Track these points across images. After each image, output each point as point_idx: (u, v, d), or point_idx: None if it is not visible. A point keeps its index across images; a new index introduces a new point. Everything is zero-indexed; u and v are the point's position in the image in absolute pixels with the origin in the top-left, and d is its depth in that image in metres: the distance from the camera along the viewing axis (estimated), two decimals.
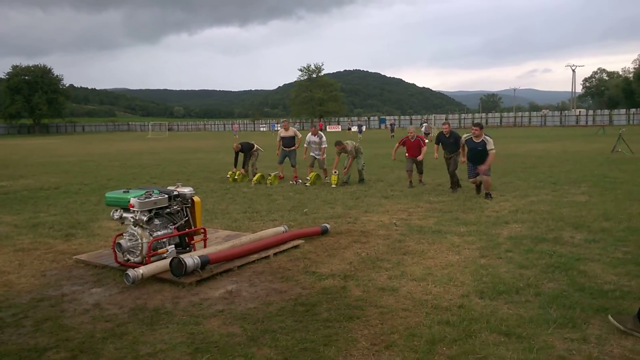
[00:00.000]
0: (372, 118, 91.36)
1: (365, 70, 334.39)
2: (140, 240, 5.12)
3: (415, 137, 11.30)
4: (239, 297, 4.42)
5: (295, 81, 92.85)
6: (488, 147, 8.99)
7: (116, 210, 5.32)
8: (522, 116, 76.62)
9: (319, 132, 12.43)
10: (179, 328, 3.76)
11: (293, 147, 12.83)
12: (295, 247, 6.04)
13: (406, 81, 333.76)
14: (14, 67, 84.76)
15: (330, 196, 10.08)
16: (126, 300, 4.41)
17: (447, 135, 10.54)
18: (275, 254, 5.68)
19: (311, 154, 12.44)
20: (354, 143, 12.32)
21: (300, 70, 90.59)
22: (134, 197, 5.09)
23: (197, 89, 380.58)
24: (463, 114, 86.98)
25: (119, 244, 5.16)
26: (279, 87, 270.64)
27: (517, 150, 22.68)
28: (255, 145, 13.75)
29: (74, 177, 14.81)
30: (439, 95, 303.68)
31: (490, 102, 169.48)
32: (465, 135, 9.54)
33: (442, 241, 6.21)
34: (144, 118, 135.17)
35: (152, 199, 5.16)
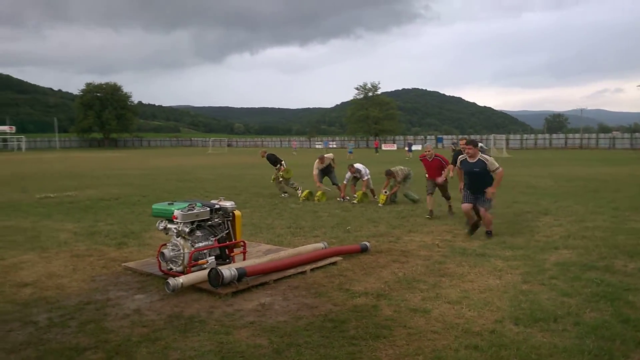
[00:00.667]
0: (429, 137, 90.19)
1: (423, 88, 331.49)
2: (182, 251, 5.35)
3: (434, 157, 10.10)
4: (271, 310, 4.51)
5: (352, 99, 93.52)
6: (490, 168, 7.55)
7: (161, 221, 5.60)
8: (589, 138, 73.00)
9: (356, 168, 12.28)
10: (210, 337, 3.89)
11: (331, 170, 12.99)
12: (333, 263, 6.08)
13: (466, 100, 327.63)
14: (88, 85, 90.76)
15: (376, 214, 10.06)
16: (165, 307, 4.61)
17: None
18: (312, 270, 5.75)
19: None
20: (405, 170, 11.99)
21: (357, 88, 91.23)
22: (178, 209, 5.34)
23: (257, 107, 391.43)
24: (525, 135, 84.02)
25: (163, 254, 5.41)
26: (336, 105, 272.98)
27: (580, 173, 21.63)
28: (281, 165, 13.47)
29: (134, 189, 15.58)
30: (501, 115, 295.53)
31: (555, 122, 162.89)
32: (460, 157, 8.16)
33: (484, 264, 6.05)
34: (206, 134, 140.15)
35: (195, 211, 5.39)
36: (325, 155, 12.97)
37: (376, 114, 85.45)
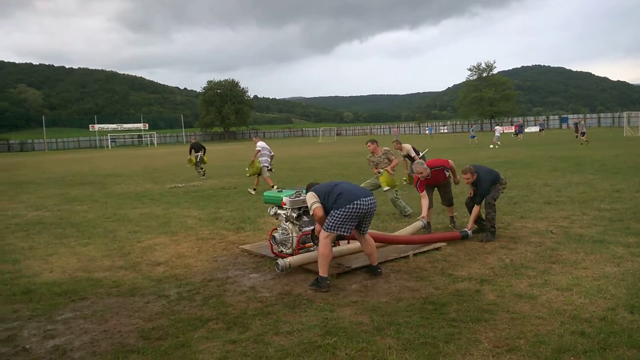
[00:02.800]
0: (552, 117, 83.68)
1: (545, 65, 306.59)
2: (290, 235, 5.74)
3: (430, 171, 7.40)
4: (373, 291, 4.71)
5: (465, 81, 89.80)
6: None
7: (272, 208, 6.05)
8: None
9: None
10: (316, 313, 4.20)
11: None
12: (437, 249, 6.10)
13: (596, 75, 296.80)
14: (209, 82, 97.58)
15: None
16: (276, 286, 5.02)
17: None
18: (415, 254, 5.83)
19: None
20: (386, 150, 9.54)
21: (470, 69, 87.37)
22: (286, 196, 5.74)
23: (365, 94, 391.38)
24: None
25: (274, 237, 5.85)
26: (448, 88, 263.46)
27: None
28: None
29: (251, 178, 16.63)
30: (638, 89, 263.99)
31: None
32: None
33: (602, 251, 5.67)
34: (317, 124, 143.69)
35: (301, 198, 5.74)
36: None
37: (491, 95, 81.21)
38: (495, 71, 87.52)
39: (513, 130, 46.83)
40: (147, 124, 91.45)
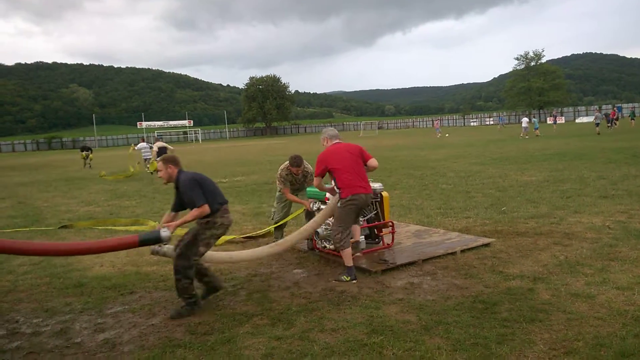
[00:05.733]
0: (604, 107, 79.94)
1: (598, 52, 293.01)
2: None
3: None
4: (420, 289, 4.58)
5: (511, 71, 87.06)
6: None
7: (315, 202, 6.00)
8: None
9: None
10: (360, 310, 4.11)
11: None
12: (486, 245, 5.89)
13: None
14: (251, 78, 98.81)
15: (536, 194, 9.38)
16: (319, 282, 4.97)
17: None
18: (462, 251, 5.65)
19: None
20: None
21: (517, 58, 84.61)
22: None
23: (407, 87, 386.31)
24: None
25: (317, 232, 5.79)
26: (494, 78, 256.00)
27: None
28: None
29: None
30: None
31: None
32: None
33: None
34: (358, 118, 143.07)
35: None
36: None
37: (540, 85, 78.33)
38: (544, 60, 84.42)
39: (553, 121, 44.99)
40: (192, 121, 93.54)
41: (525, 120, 33.66)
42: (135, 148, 19.90)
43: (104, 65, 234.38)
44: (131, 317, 4.28)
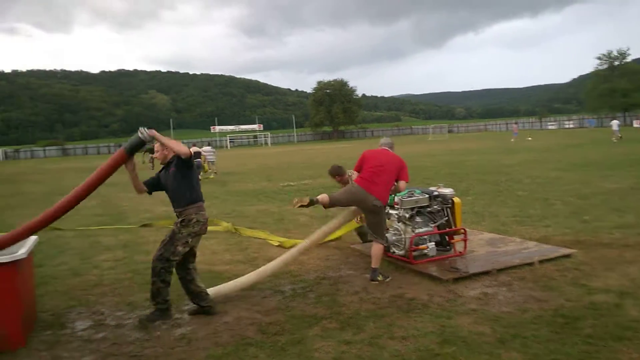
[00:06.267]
0: None
1: None
2: (403, 235, 5.59)
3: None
4: (494, 300, 4.40)
5: (593, 71, 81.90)
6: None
7: None
8: None
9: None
10: (431, 319, 4.02)
11: None
12: (567, 256, 5.57)
13: None
14: (319, 83, 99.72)
15: (622, 203, 8.75)
16: (388, 288, 4.91)
17: None
18: (540, 262, 5.37)
19: None
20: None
21: (599, 58, 79.44)
22: (398, 196, 5.59)
23: (479, 89, 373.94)
24: None
25: (386, 238, 5.73)
26: (573, 79, 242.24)
27: None
28: None
29: None
30: None
31: None
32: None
33: None
34: (426, 121, 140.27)
35: (414, 198, 5.57)
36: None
37: (624, 86, 73.08)
38: (629, 59, 78.73)
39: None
40: (261, 125, 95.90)
41: (615, 123, 31.65)
42: (202, 151, 20.82)
43: (180, 72, 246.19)
44: (205, 315, 4.43)
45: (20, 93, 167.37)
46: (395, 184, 5.28)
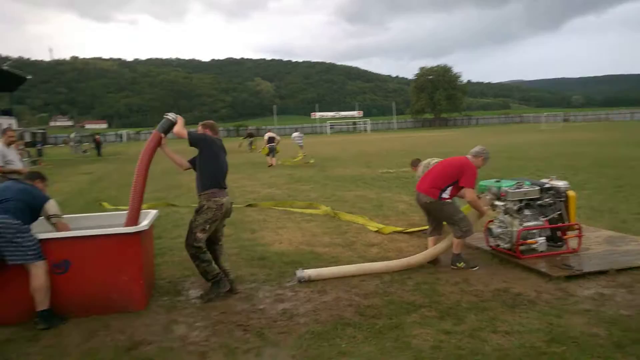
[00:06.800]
0: None
1: None
2: (509, 228, 5.33)
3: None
4: (612, 302, 4.07)
5: None
6: None
7: (487, 194, 5.69)
8: None
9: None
10: (539, 316, 3.82)
11: None
12: None
13: None
14: (421, 69, 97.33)
15: None
16: (492, 281, 4.73)
17: None
18: None
19: None
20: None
21: None
22: (506, 187, 5.33)
23: (599, 75, 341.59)
24: None
25: (490, 230, 5.51)
26: None
27: None
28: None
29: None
30: None
31: None
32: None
33: None
34: (538, 109, 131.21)
35: (523, 189, 5.27)
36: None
37: None
38: None
39: None
40: (361, 112, 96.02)
41: None
42: (291, 137, 22.18)
43: (283, 60, 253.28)
44: (307, 292, 4.60)
45: (141, 80, 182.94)
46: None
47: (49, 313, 3.95)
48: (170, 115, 4.65)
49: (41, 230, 4.24)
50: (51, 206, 4.28)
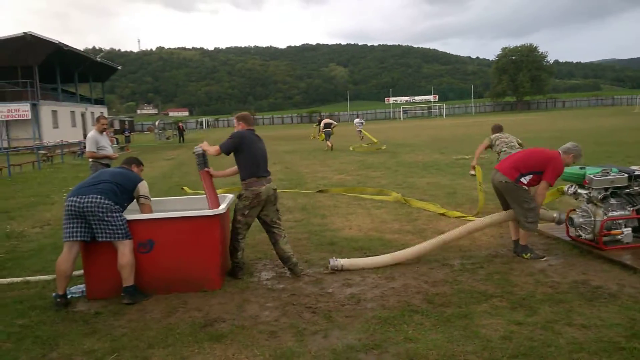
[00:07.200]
0: None
1: None
2: (592, 218, 5.04)
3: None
4: None
5: None
6: None
7: (571, 186, 5.41)
8: None
9: None
10: (620, 310, 3.62)
11: None
12: None
13: None
14: (503, 49, 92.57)
15: None
16: (570, 273, 4.52)
17: None
18: None
19: None
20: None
21: None
22: (590, 174, 5.03)
23: None
24: None
25: (572, 219, 5.24)
26: None
27: None
28: None
29: None
30: None
31: None
32: None
33: None
34: (633, 90, 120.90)
35: (609, 177, 4.95)
36: None
37: None
38: None
39: None
40: (437, 96, 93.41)
41: None
42: (354, 123, 22.83)
43: (359, 44, 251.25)
44: (375, 278, 4.64)
45: (220, 68, 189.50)
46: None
47: (134, 289, 4.29)
48: (196, 150, 4.90)
49: (128, 211, 4.60)
50: (142, 187, 4.61)
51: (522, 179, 4.91)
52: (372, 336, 3.43)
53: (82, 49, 43.17)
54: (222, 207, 4.66)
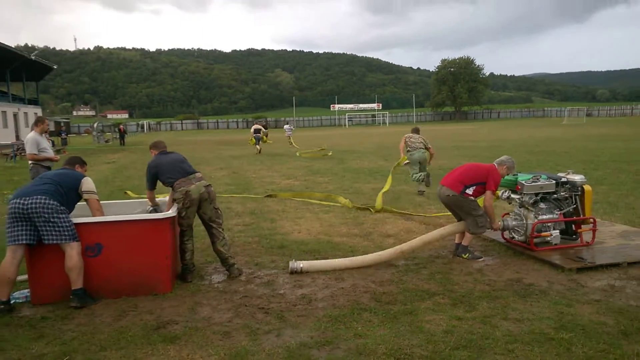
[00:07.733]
0: None
1: None
2: (524, 221, 5.44)
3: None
4: (621, 293, 4.17)
5: None
6: None
7: (505, 191, 5.80)
8: None
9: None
10: (549, 305, 3.95)
11: None
12: None
13: None
14: (443, 61, 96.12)
15: None
16: (505, 272, 4.86)
17: None
18: None
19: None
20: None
21: None
22: (522, 180, 5.44)
23: (627, 68, 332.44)
24: None
25: (505, 222, 5.61)
26: None
27: None
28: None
29: (481, 159, 16.08)
30: None
31: None
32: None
33: None
34: (562, 103, 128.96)
35: (539, 183, 5.37)
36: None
37: None
38: None
39: None
40: (380, 104, 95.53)
41: None
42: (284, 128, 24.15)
43: (305, 50, 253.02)
44: (325, 279, 4.79)
45: (162, 70, 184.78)
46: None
47: (83, 292, 4.21)
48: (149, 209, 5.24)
49: (77, 214, 4.50)
50: (86, 182, 4.51)
51: (467, 191, 5.26)
52: (324, 334, 3.57)
53: (13, 46, 40.78)
54: (173, 211, 4.66)
